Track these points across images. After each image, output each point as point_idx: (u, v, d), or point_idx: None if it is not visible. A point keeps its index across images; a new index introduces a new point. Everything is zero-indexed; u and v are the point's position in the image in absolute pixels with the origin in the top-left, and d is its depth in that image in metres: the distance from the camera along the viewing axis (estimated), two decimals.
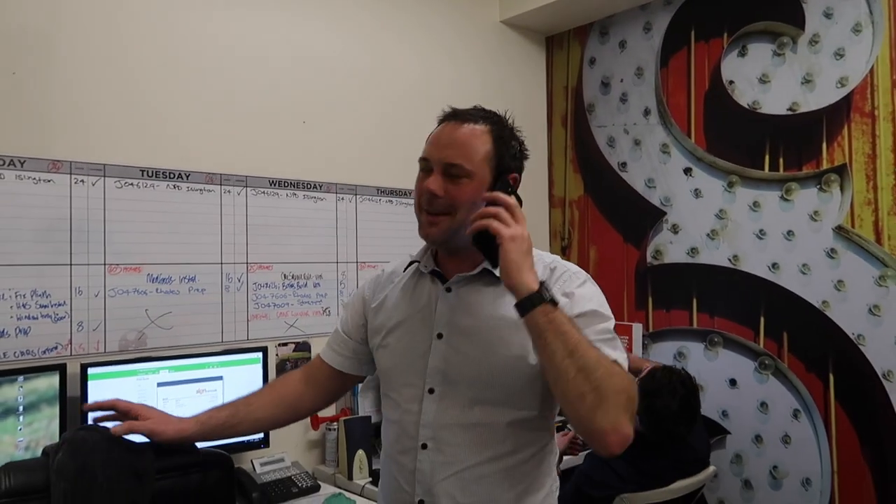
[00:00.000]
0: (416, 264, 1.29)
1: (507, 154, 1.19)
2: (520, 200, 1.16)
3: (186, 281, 2.12)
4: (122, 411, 1.25)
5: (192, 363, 2.01)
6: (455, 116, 1.20)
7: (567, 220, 3.19)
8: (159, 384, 1.94)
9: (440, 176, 1.16)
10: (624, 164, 2.97)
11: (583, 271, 1.23)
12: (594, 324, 1.12)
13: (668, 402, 2.12)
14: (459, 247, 1.19)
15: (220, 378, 2.05)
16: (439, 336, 1.21)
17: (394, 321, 1.28)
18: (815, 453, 2.39)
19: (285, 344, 2.33)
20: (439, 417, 1.19)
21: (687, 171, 2.76)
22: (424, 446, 1.19)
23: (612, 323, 1.14)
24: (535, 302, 1.03)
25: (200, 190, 2.15)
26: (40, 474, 1.11)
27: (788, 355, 2.46)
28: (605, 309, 1.16)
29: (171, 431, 1.23)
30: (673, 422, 2.12)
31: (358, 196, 2.54)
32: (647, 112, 2.89)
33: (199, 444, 1.30)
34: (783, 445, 2.47)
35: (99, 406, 1.26)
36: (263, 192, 2.29)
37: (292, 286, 2.36)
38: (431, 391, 1.20)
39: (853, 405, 2.32)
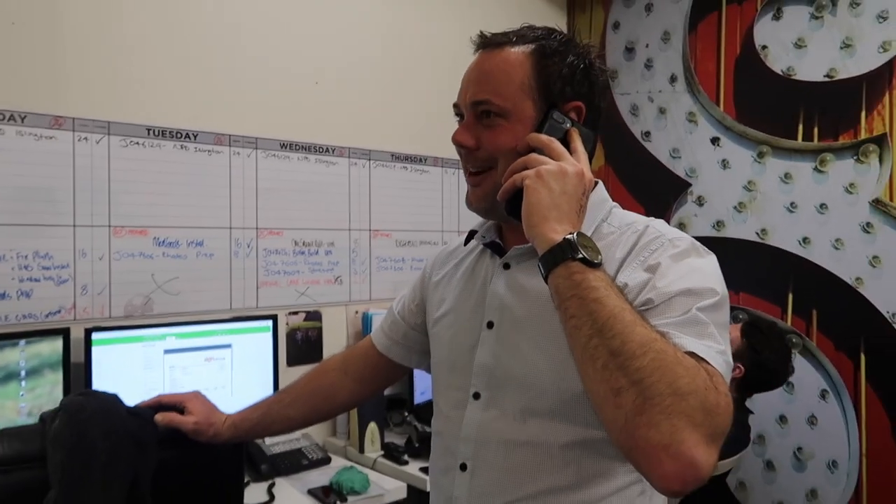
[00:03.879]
0: (475, 237, 1.05)
1: (558, 77, 0.91)
2: (590, 135, 0.92)
3: (194, 245, 2.04)
4: (167, 405, 1.18)
5: (200, 330, 1.94)
6: (487, 44, 0.95)
7: None
8: (166, 351, 1.87)
9: (471, 122, 0.93)
10: (647, 134, 2.86)
11: (688, 238, 0.88)
12: (681, 307, 0.77)
13: (778, 346, 2.05)
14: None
15: (229, 346, 1.98)
16: (489, 325, 0.97)
17: (445, 306, 1.06)
18: (843, 435, 2.30)
19: (296, 313, 2.26)
20: (483, 431, 0.94)
21: (714, 140, 2.64)
22: (464, 467, 0.96)
23: (709, 302, 0.78)
24: (554, 259, 0.75)
25: (209, 151, 2.06)
26: (36, 442, 1.04)
27: (817, 334, 2.37)
28: (708, 288, 0.80)
29: (208, 435, 1.16)
30: (787, 363, 2.06)
31: (372, 161, 2.45)
32: (673, 79, 2.76)
33: None
34: (809, 426, 2.39)
35: (146, 405, 1.18)
36: (274, 155, 2.20)
37: (303, 253, 2.28)
38: (477, 396, 0.96)
39: (885, 386, 2.23)
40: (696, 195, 2.70)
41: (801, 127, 2.41)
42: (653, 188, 2.83)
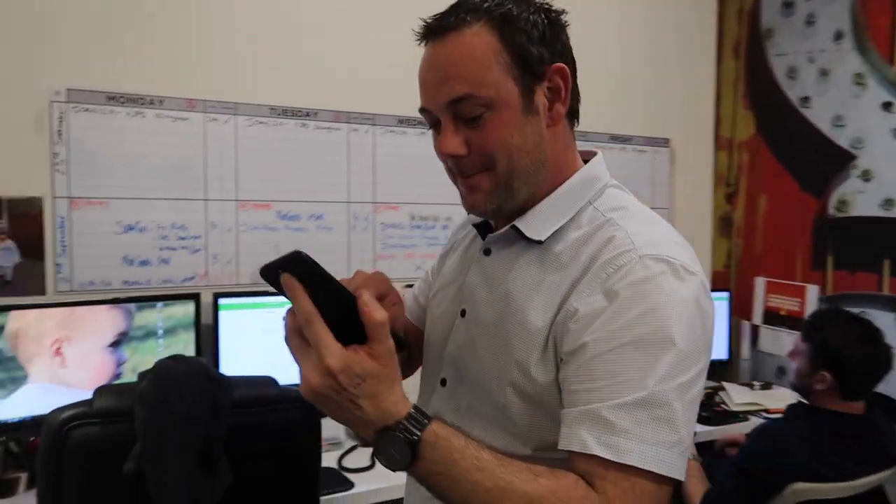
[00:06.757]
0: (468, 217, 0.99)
1: (529, 41, 0.78)
2: (575, 99, 0.83)
3: (314, 219, 2.15)
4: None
5: None
6: (432, 32, 0.81)
7: (735, 165, 2.82)
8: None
9: (451, 126, 0.80)
10: (806, 99, 2.54)
11: (667, 257, 0.74)
12: (633, 366, 0.68)
13: (851, 338, 1.71)
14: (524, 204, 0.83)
15: None
16: (462, 313, 0.90)
17: (438, 284, 1.01)
18: None
19: (411, 285, 2.30)
20: None
21: (886, 105, 2.29)
22: None
23: (668, 364, 0.69)
24: (400, 449, 0.68)
25: (328, 128, 2.15)
26: (128, 398, 1.15)
27: None
28: (665, 337, 0.69)
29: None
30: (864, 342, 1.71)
31: None
32: (838, 36, 2.42)
33: None
34: None
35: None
36: (391, 131, 2.24)
37: (420, 227, 2.31)
38: (444, 383, 0.92)
39: None
40: (862, 169, 2.37)
41: None
42: (810, 161, 2.52)
